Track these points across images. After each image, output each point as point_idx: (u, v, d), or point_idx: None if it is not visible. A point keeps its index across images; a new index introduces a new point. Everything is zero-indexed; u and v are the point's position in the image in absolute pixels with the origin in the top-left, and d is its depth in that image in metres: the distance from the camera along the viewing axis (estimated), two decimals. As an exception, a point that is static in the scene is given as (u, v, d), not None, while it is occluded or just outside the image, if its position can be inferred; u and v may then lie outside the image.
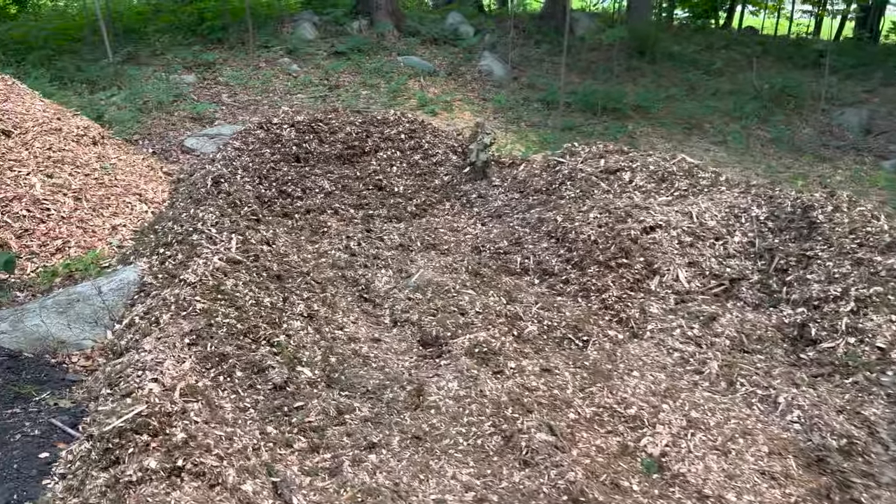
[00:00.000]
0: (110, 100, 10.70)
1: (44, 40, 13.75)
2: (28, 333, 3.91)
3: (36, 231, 5.47)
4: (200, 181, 5.81)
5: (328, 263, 5.33)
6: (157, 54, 13.74)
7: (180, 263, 4.44)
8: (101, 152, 6.68)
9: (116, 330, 4.14)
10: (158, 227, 5.43)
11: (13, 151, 5.84)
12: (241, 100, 12.12)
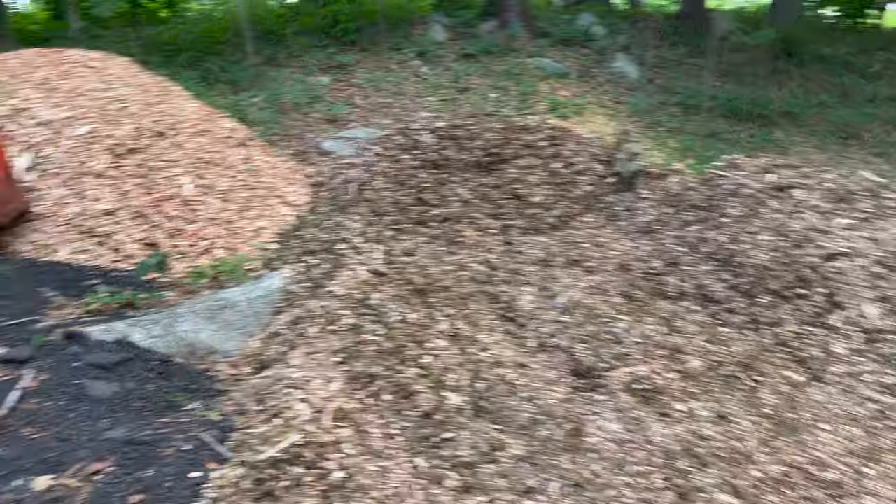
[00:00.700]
0: (251, 101, 11.03)
1: (191, 43, 14.47)
2: (179, 339, 3.91)
3: (185, 231, 5.58)
4: (343, 187, 5.74)
5: (468, 277, 5.09)
6: (295, 56, 14.10)
7: (326, 273, 4.34)
8: (246, 154, 6.79)
9: (262, 338, 4.09)
10: (302, 232, 5.40)
11: (167, 152, 6.00)
12: (374, 102, 12.19)
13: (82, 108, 5.98)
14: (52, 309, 4.50)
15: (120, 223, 5.39)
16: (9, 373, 3.57)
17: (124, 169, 5.70)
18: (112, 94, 6.25)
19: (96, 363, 3.58)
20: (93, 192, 5.48)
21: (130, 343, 3.83)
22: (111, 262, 5.21)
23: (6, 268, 4.85)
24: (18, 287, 4.65)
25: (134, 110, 6.18)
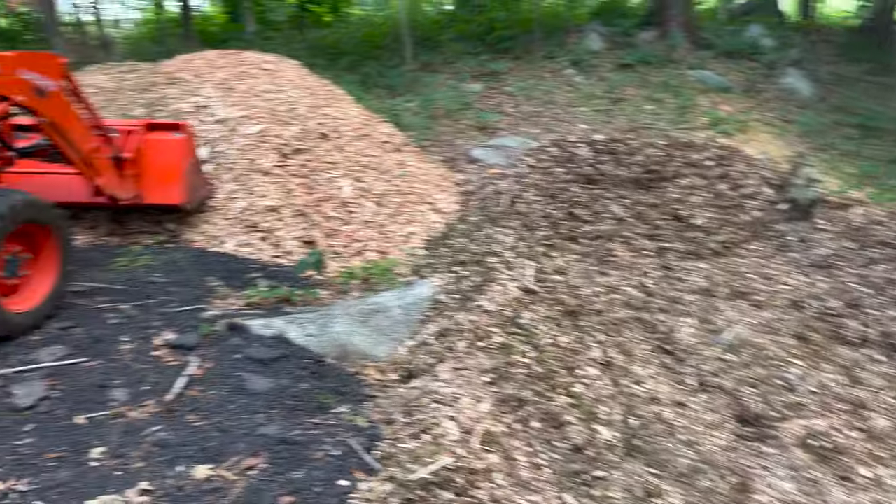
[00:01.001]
0: (406, 105, 11.27)
1: (352, 47, 15.06)
2: (332, 340, 3.98)
3: (341, 232, 5.72)
4: (495, 199, 5.67)
5: (621, 301, 4.84)
6: (449, 62, 14.29)
7: (476, 287, 4.26)
8: (401, 159, 6.90)
9: (409, 346, 4.07)
10: (451, 241, 5.38)
11: (329, 154, 6.20)
12: (525, 110, 12.08)
13: (255, 108, 6.31)
14: (217, 298, 4.74)
15: (282, 220, 5.62)
16: (177, 358, 3.78)
17: (289, 168, 5.94)
18: (283, 95, 6.55)
19: (255, 357, 3.71)
20: (260, 188, 5.75)
21: (287, 340, 3.94)
22: (271, 256, 5.44)
23: (180, 255, 5.18)
24: (189, 275, 4.95)
25: (301, 112, 6.44)
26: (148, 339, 3.93)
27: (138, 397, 3.37)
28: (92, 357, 3.67)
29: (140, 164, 5.12)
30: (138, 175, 5.11)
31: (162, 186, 5.18)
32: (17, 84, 3.84)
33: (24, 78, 3.88)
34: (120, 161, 4.92)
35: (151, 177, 5.16)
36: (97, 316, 4.16)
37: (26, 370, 3.48)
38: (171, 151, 5.24)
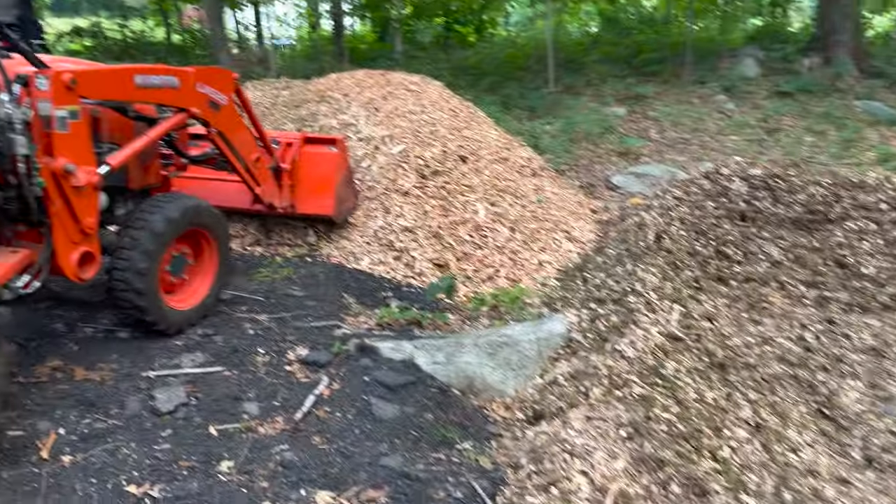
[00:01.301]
0: (545, 128, 11.11)
1: (495, 68, 15.11)
2: (459, 370, 3.87)
3: (473, 256, 5.64)
4: (638, 232, 5.36)
5: (775, 355, 4.40)
6: (592, 84, 13.99)
7: (614, 328, 4.01)
8: (538, 184, 6.74)
9: (538, 384, 3.89)
10: (587, 274, 5.13)
11: (466, 177, 6.16)
12: (670, 137, 11.57)
13: (398, 129, 6.39)
14: (350, 316, 4.78)
15: (417, 241, 5.62)
16: (308, 375, 3.82)
17: (427, 190, 5.94)
18: (426, 116, 6.59)
19: (383, 382, 3.66)
20: (397, 208, 5.79)
21: (415, 366, 3.87)
22: (404, 276, 5.44)
23: (318, 270, 5.29)
24: (326, 290, 5.04)
25: (443, 134, 6.44)
26: (282, 352, 4.00)
27: (268, 412, 3.42)
28: (229, 367, 3.78)
29: (296, 175, 5.39)
30: (293, 185, 5.38)
31: (315, 198, 5.43)
32: (196, 97, 4.15)
33: (202, 92, 4.19)
34: (278, 171, 5.18)
35: (306, 188, 5.42)
36: (237, 325, 4.30)
37: (169, 375, 3.63)
38: (325, 164, 5.47)
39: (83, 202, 3.43)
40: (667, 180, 8.39)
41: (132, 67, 3.86)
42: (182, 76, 4.06)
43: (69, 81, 3.24)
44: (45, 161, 3.24)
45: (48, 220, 3.34)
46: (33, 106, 3.22)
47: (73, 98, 3.30)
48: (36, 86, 3.21)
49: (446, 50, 17.73)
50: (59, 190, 3.32)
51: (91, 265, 3.58)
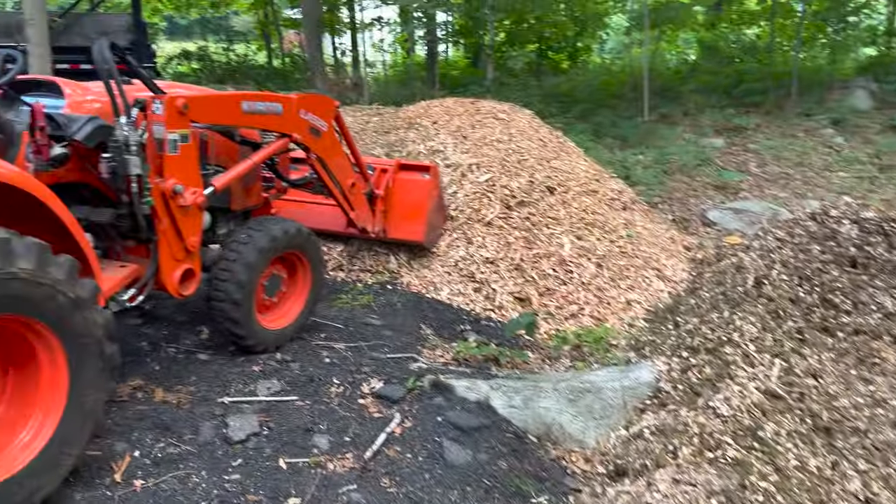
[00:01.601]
0: (637, 158, 10.77)
1: (587, 95, 14.87)
2: (537, 415, 3.69)
3: (556, 292, 5.44)
4: (735, 275, 5.03)
5: (888, 419, 3.97)
6: (689, 114, 13.53)
7: (707, 380, 3.72)
8: (628, 218, 6.48)
9: (622, 437, 3.64)
10: (679, 318, 4.84)
11: (552, 209, 5.98)
12: (771, 171, 10.98)
13: (486, 157, 6.29)
14: (427, 348, 4.68)
15: (498, 273, 5.48)
16: (380, 409, 3.72)
17: (511, 221, 5.81)
18: (514, 145, 6.47)
19: (456, 423, 3.52)
20: (479, 238, 5.67)
21: (490, 408, 3.71)
22: (484, 309, 5.31)
23: (397, 298, 5.23)
24: (404, 320, 4.96)
25: (530, 164, 6.31)
26: (356, 384, 3.93)
27: (338, 447, 3.33)
28: (302, 396, 3.74)
29: (389, 200, 5.47)
30: (386, 211, 5.46)
31: (407, 224, 5.49)
32: (298, 123, 4.27)
33: (304, 118, 4.31)
34: (373, 197, 5.27)
35: (398, 214, 5.50)
36: (314, 353, 4.27)
37: (243, 401, 3.62)
38: (418, 191, 5.53)
39: (188, 221, 3.58)
40: (768, 219, 7.92)
41: (240, 94, 4.03)
42: (286, 103, 4.17)
43: (182, 106, 3.39)
44: (156, 181, 3.40)
45: (155, 238, 3.49)
46: (148, 129, 3.39)
47: (184, 122, 3.45)
48: (152, 110, 3.38)
49: (538, 76, 17.61)
50: (166, 209, 3.47)
51: (191, 282, 3.71)
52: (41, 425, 2.60)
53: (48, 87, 3.64)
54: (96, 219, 3.50)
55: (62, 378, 2.62)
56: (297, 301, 4.40)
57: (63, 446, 2.63)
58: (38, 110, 3.14)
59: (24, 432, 2.58)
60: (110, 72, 3.31)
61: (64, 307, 2.56)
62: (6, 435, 2.57)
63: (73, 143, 3.24)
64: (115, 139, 3.28)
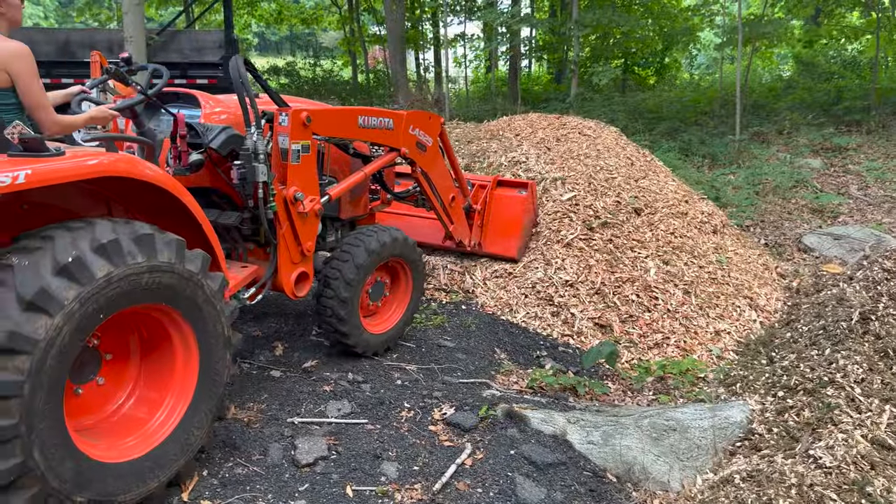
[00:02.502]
0: (728, 178, 10.30)
1: (674, 112, 14.37)
2: (617, 454, 3.47)
3: (640, 319, 5.18)
4: (837, 308, 4.65)
5: None
6: (783, 133, 12.87)
7: (807, 425, 3.41)
8: (718, 243, 6.14)
9: (710, 481, 3.38)
10: (774, 352, 4.51)
11: (638, 231, 5.72)
12: (874, 195, 10.27)
13: (573, 172, 6.12)
14: (500, 374, 4.53)
15: (578, 297, 5.27)
16: (451, 438, 3.58)
17: (593, 242, 5.58)
18: (601, 162, 6.26)
19: (530, 458, 3.35)
20: (559, 260, 5.48)
21: (567, 443, 3.52)
22: (561, 334, 5.11)
23: (472, 320, 5.10)
24: (478, 342, 4.83)
25: (618, 182, 6.07)
26: (427, 409, 3.81)
27: (407, 477, 3.22)
28: (373, 420, 3.65)
29: (486, 215, 5.71)
30: (483, 225, 5.69)
31: (502, 239, 5.68)
32: (407, 138, 4.53)
33: (412, 134, 4.57)
34: (470, 211, 5.52)
35: (494, 229, 5.71)
36: (386, 374, 4.19)
37: (313, 422, 3.56)
38: (514, 207, 5.69)
39: (306, 227, 3.81)
40: (871, 246, 7.38)
41: (356, 109, 4.24)
42: (396, 119, 4.40)
43: (305, 119, 3.63)
44: (279, 188, 3.62)
45: (275, 241, 3.71)
46: (273, 139, 3.64)
47: (307, 134, 3.69)
48: (279, 122, 3.62)
49: (623, 92, 17.21)
50: (287, 214, 3.68)
51: (305, 284, 3.93)
52: (174, 406, 2.82)
53: (186, 98, 3.94)
54: (223, 222, 3.74)
55: (193, 364, 2.85)
56: (398, 308, 4.54)
57: (192, 426, 2.84)
58: (180, 120, 3.43)
59: (161, 412, 2.80)
60: (244, 86, 3.51)
61: (197, 298, 2.77)
62: (146, 413, 2.79)
63: (208, 150, 3.48)
64: (245, 148, 3.50)
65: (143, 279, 2.51)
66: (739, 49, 11.71)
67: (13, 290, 2.16)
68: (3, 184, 2.12)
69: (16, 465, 2.17)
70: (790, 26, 14.70)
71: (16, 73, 2.74)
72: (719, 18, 14.23)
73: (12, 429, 2.14)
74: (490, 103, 15.36)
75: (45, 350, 2.19)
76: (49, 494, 2.27)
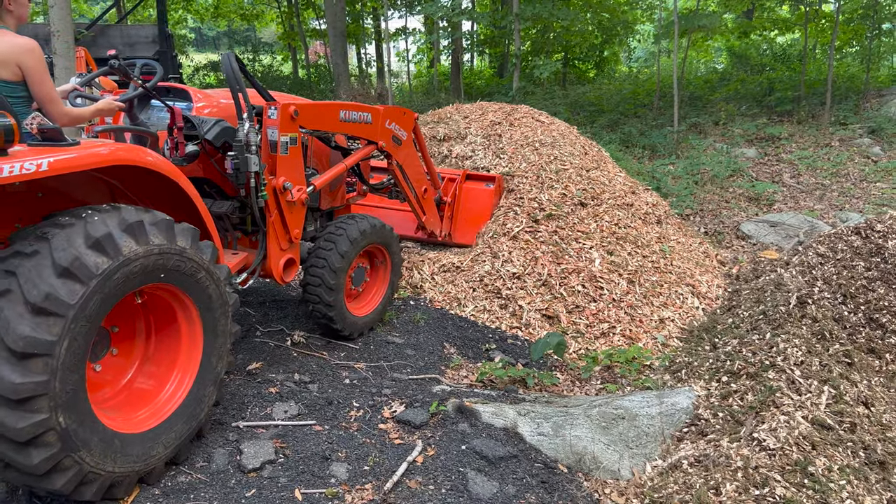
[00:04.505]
0: (667, 169, 10.51)
1: (614, 105, 14.60)
2: (567, 444, 3.47)
3: (586, 310, 5.22)
4: (775, 292, 4.78)
5: (947, 451, 3.70)
6: (719, 124, 13.22)
7: (750, 408, 3.49)
8: (661, 233, 6.24)
9: (659, 468, 3.42)
10: (716, 338, 4.60)
11: (583, 222, 5.77)
12: (806, 182, 10.65)
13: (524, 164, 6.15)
14: (450, 369, 4.50)
15: (525, 289, 5.28)
16: (402, 436, 3.53)
17: (538, 235, 5.60)
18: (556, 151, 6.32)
19: (482, 453, 3.33)
20: (505, 253, 5.48)
21: (518, 435, 3.51)
22: (510, 327, 5.11)
23: (420, 315, 5.05)
24: (427, 338, 4.78)
25: (569, 174, 6.10)
26: (377, 407, 3.75)
27: (357, 477, 3.15)
28: (320, 420, 3.57)
29: (456, 207, 5.97)
30: (452, 217, 5.96)
31: (471, 229, 5.96)
32: (384, 132, 4.72)
33: (389, 128, 4.75)
34: (441, 203, 5.78)
35: (463, 219, 6.01)
36: (334, 373, 4.11)
37: (259, 425, 3.46)
38: (482, 199, 6.01)
39: (294, 215, 3.97)
40: (805, 232, 7.64)
41: (338, 104, 4.39)
42: (374, 113, 4.56)
43: (293, 112, 3.80)
44: (269, 178, 3.77)
45: (264, 229, 3.87)
46: (263, 132, 3.77)
47: (294, 127, 3.86)
48: (268, 115, 3.75)
49: (564, 86, 17.39)
50: (276, 203, 3.84)
51: (292, 270, 4.09)
52: (181, 381, 3.00)
53: (177, 93, 4.05)
54: (216, 210, 3.86)
55: (198, 343, 3.02)
56: (378, 292, 4.75)
57: (197, 402, 3.03)
58: (178, 113, 3.58)
59: (169, 385, 2.99)
60: (237, 80, 3.65)
61: (206, 283, 2.95)
62: (156, 387, 2.98)
63: (203, 141, 3.62)
64: (238, 140, 3.63)
65: (163, 260, 2.69)
66: (675, 41, 11.96)
67: (49, 257, 2.33)
68: (28, 171, 2.27)
69: (41, 421, 2.30)
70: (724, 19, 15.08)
71: (28, 67, 2.86)
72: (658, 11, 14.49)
73: (42, 385, 2.27)
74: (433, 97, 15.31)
75: (76, 315, 2.34)
76: (66, 455, 2.40)
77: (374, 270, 4.76)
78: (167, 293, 2.89)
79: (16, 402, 2.26)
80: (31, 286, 2.29)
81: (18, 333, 2.24)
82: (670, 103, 13.15)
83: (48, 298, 2.28)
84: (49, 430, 2.34)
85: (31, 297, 2.27)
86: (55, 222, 2.47)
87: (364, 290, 4.70)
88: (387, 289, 4.77)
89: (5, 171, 2.22)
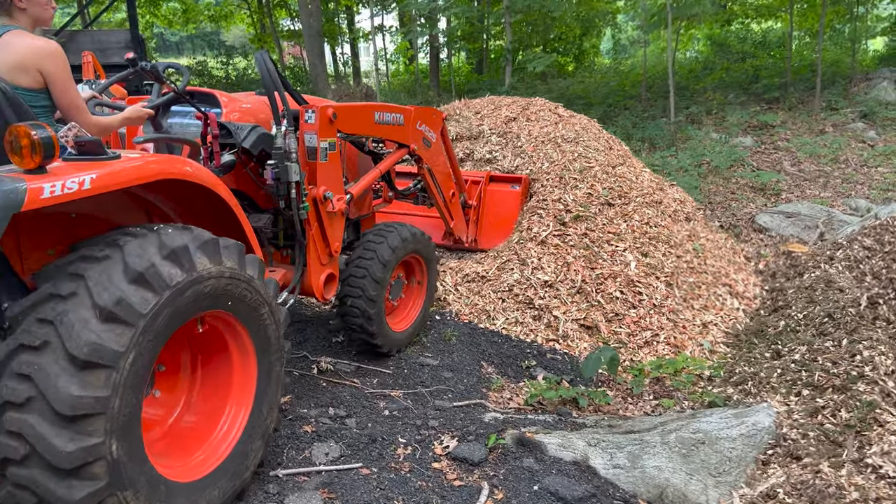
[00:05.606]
0: (668, 161, 10.23)
1: (602, 97, 14.32)
2: (647, 476, 3.11)
3: (626, 317, 4.86)
4: (827, 291, 4.46)
5: None
6: (712, 113, 13.00)
7: (847, 427, 3.15)
8: (691, 230, 5.91)
9: (747, 498, 3.07)
10: (775, 344, 4.26)
11: (612, 223, 5.40)
12: (807, 170, 10.45)
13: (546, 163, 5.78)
14: (492, 391, 4.11)
15: (559, 297, 4.91)
16: (459, 475, 3.13)
17: (568, 238, 5.23)
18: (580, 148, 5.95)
19: (557, 493, 2.94)
20: (535, 259, 5.10)
21: (591, 469, 3.14)
22: (545, 340, 4.73)
23: (450, 331, 4.64)
24: (461, 357, 4.39)
25: (594, 172, 5.73)
26: (426, 443, 3.34)
27: (422, 530, 2.75)
28: (367, 462, 3.15)
29: (481, 211, 5.65)
30: (478, 221, 5.59)
31: (497, 234, 5.58)
32: (415, 134, 4.38)
33: (419, 129, 4.42)
34: (466, 207, 5.43)
35: (489, 223, 5.64)
36: (370, 404, 3.69)
37: (300, 473, 3.03)
38: (508, 202, 5.65)
39: (334, 227, 3.65)
40: (823, 221, 7.38)
41: (373, 105, 4.06)
42: (406, 114, 4.21)
43: (331, 115, 3.48)
44: (309, 188, 3.46)
45: (303, 242, 3.52)
46: (300, 137, 3.42)
47: (332, 131, 3.54)
48: (305, 119, 3.43)
49: (545, 80, 17.08)
50: (316, 215, 3.52)
51: (333, 285, 3.76)
52: (235, 417, 2.67)
53: (201, 97, 3.62)
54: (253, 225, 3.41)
55: (250, 389, 2.69)
56: (415, 305, 4.41)
57: (244, 457, 2.66)
58: (213, 119, 3.26)
59: (223, 422, 2.65)
60: (274, 82, 3.32)
61: (268, 321, 2.67)
62: (209, 425, 2.64)
63: (240, 150, 3.32)
64: (277, 147, 3.31)
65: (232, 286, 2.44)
66: (669, 32, 11.69)
67: (122, 262, 2.09)
68: (71, 190, 1.97)
69: (93, 447, 1.97)
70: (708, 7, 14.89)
71: (51, 73, 2.53)
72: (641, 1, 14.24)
73: (102, 402, 1.97)
74: (421, 95, 14.88)
75: (145, 326, 2.09)
76: (111, 493, 2.04)
77: (411, 282, 4.42)
78: (226, 327, 2.58)
79: (69, 419, 1.92)
80: (102, 289, 2.03)
81: (84, 339, 1.96)
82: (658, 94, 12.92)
83: (119, 304, 2.03)
84: (99, 459, 1.99)
85: (100, 301, 2.01)
86: (125, 232, 2.24)
87: (399, 304, 4.35)
88: (423, 302, 4.41)
89: (46, 192, 1.89)
